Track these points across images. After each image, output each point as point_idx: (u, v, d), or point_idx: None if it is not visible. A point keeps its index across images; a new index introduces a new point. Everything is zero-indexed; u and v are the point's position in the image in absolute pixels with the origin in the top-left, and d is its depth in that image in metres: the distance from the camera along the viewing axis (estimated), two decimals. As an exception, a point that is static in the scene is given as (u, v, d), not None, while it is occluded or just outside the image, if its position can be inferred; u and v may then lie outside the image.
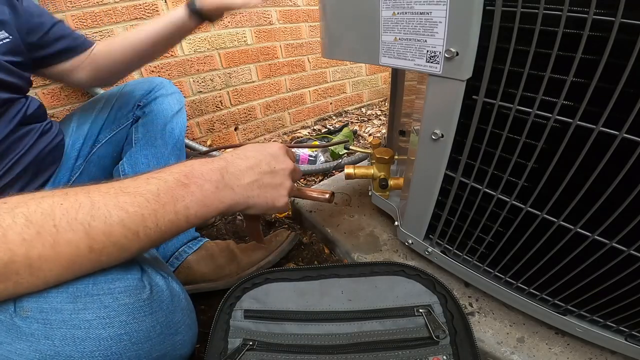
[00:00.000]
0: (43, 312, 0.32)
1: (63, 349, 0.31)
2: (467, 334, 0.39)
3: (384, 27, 0.40)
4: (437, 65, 0.36)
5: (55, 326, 0.32)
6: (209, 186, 0.39)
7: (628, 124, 0.27)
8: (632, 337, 0.39)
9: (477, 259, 0.48)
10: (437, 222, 0.50)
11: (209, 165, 0.41)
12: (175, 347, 0.38)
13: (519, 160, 0.36)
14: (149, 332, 0.35)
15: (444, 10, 0.33)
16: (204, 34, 1.21)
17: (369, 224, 0.72)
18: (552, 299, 0.42)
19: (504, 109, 0.34)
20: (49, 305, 0.32)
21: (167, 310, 0.37)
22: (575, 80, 0.29)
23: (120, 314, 0.33)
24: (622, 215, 0.31)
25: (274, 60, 1.44)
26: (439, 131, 0.41)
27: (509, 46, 0.31)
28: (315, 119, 1.71)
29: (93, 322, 0.32)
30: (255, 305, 0.43)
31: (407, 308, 0.42)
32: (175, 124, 0.71)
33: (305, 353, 0.38)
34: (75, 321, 0.32)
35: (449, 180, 0.44)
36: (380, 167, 0.65)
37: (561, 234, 0.36)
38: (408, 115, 0.64)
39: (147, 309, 0.35)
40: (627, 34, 0.25)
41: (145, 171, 0.58)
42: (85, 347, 0.32)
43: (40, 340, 0.31)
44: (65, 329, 0.32)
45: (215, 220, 0.89)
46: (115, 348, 0.33)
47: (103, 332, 0.32)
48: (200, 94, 1.29)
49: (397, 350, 0.38)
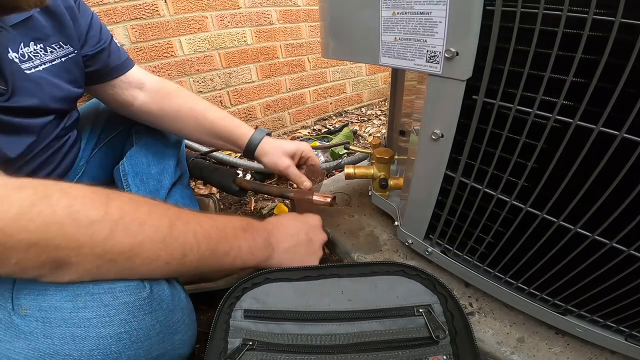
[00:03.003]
0: (42, 310, 0.32)
1: (62, 347, 0.31)
2: (467, 334, 0.39)
3: (384, 27, 0.40)
4: (437, 65, 0.36)
5: (54, 324, 0.32)
6: (260, 240, 0.46)
7: (628, 124, 0.27)
8: (632, 337, 0.39)
9: (477, 259, 0.48)
10: (437, 222, 0.50)
11: (262, 224, 0.49)
12: (174, 347, 0.38)
13: (519, 160, 0.36)
14: (148, 331, 0.35)
15: (444, 10, 0.33)
16: (204, 34, 1.22)
17: (369, 224, 0.72)
18: (552, 299, 0.42)
19: (504, 109, 0.34)
20: (48, 304, 0.32)
21: (167, 309, 0.37)
22: (575, 80, 0.29)
23: (120, 313, 0.33)
24: (622, 215, 0.31)
25: (274, 60, 1.44)
26: (439, 131, 0.41)
27: (509, 46, 0.31)
28: (315, 119, 1.71)
29: (93, 320, 0.32)
30: (255, 305, 0.43)
31: (407, 308, 0.42)
32: (176, 125, 0.71)
33: (305, 353, 0.38)
34: (75, 319, 0.32)
35: (449, 180, 0.44)
36: (380, 167, 0.65)
37: (561, 234, 0.36)
38: (408, 115, 0.64)
39: (147, 308, 0.35)
40: (627, 34, 0.25)
41: (145, 172, 0.59)
42: (84, 346, 0.32)
43: (39, 339, 0.31)
44: (64, 327, 0.32)
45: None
46: (114, 347, 0.33)
47: (103, 330, 0.32)
48: (200, 93, 1.29)
49: (397, 350, 0.38)
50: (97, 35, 0.55)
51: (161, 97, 0.64)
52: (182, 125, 0.65)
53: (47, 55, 0.47)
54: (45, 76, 0.47)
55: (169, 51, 1.16)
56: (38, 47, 0.46)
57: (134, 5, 1.04)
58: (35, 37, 0.46)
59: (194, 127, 0.65)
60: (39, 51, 0.47)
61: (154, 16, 1.09)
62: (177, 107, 0.64)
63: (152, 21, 1.09)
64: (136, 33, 1.08)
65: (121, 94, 0.61)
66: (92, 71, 0.56)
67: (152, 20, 1.09)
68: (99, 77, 0.58)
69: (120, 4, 1.02)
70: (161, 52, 1.15)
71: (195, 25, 1.19)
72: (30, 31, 0.45)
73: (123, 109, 0.64)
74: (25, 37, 0.45)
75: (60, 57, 0.49)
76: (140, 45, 1.10)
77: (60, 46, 0.49)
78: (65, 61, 0.50)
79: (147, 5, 1.07)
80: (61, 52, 0.49)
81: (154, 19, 1.10)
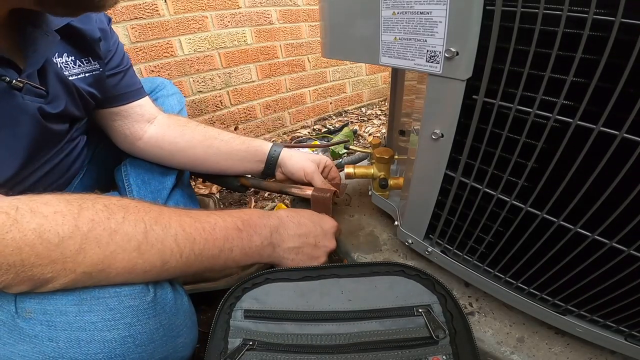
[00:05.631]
0: (46, 314, 0.32)
1: (67, 351, 0.31)
2: (467, 334, 0.39)
3: (384, 27, 0.40)
4: (437, 65, 0.36)
5: (59, 328, 0.32)
6: (256, 239, 0.44)
7: (628, 124, 0.27)
8: (632, 337, 0.39)
9: (477, 259, 0.48)
10: (437, 222, 0.50)
11: (264, 220, 0.46)
12: (176, 350, 0.38)
13: (519, 160, 0.36)
14: (152, 335, 0.35)
15: (444, 10, 0.33)
16: (203, 34, 1.21)
17: (369, 224, 0.72)
18: (552, 299, 0.42)
19: (504, 108, 0.34)
20: (52, 307, 0.32)
21: (170, 313, 0.37)
22: (575, 80, 0.29)
23: (125, 316, 0.33)
24: (622, 215, 0.31)
25: (274, 60, 1.44)
26: (439, 131, 0.41)
27: (509, 46, 0.31)
28: (315, 118, 1.71)
29: (98, 324, 0.32)
30: (256, 305, 0.43)
31: (407, 308, 0.42)
32: (176, 125, 0.71)
33: (305, 353, 0.38)
34: (80, 323, 0.32)
35: (449, 180, 0.44)
36: (380, 166, 0.65)
37: (561, 233, 0.36)
38: (408, 115, 0.64)
39: (151, 311, 0.35)
40: (627, 34, 0.25)
41: (147, 172, 0.59)
42: (89, 350, 0.32)
43: (44, 342, 0.31)
44: (69, 331, 0.32)
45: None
46: (119, 350, 0.33)
47: (108, 334, 0.32)
48: (200, 93, 1.29)
49: (397, 350, 0.38)
50: (119, 59, 0.56)
51: (173, 131, 0.63)
52: (195, 154, 0.63)
53: (74, 68, 0.48)
54: (78, 84, 0.49)
55: (168, 51, 1.16)
56: (69, 60, 0.48)
57: (133, 5, 1.04)
58: (68, 49, 0.47)
59: (209, 152, 0.63)
60: (69, 63, 0.48)
61: (153, 16, 1.09)
62: (191, 137, 0.63)
63: (152, 21, 1.09)
64: (136, 33, 1.08)
65: (130, 125, 0.60)
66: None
67: (152, 20, 1.09)
68: (106, 100, 0.57)
69: (120, 3, 1.01)
70: (161, 52, 1.15)
71: (195, 25, 1.19)
72: (64, 43, 0.47)
73: (128, 142, 0.62)
74: (59, 48, 0.46)
75: (85, 72, 0.50)
76: (140, 45, 1.10)
77: (88, 62, 0.50)
78: (89, 77, 0.51)
79: (147, 5, 1.07)
80: (88, 67, 0.50)
81: (154, 18, 1.10)
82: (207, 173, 0.69)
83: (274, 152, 0.65)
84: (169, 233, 0.36)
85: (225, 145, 0.64)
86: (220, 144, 0.64)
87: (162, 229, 0.36)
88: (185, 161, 0.64)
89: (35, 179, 0.48)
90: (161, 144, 0.62)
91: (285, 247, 0.47)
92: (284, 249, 0.47)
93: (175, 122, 0.65)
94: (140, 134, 0.61)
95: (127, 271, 0.34)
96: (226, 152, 0.64)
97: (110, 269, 0.33)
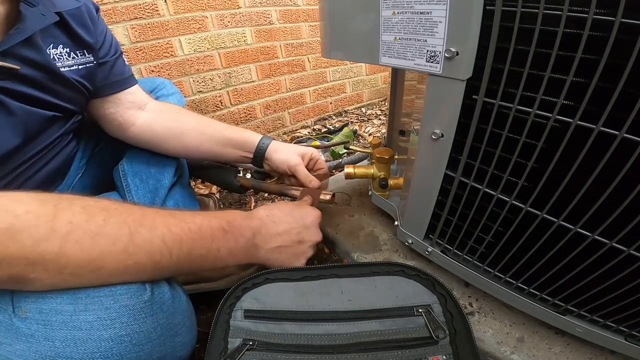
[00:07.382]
0: (42, 313, 0.32)
1: (64, 350, 0.31)
2: (466, 334, 0.39)
3: (384, 27, 0.40)
4: (437, 65, 0.36)
5: (55, 327, 0.32)
6: (242, 240, 0.44)
7: (628, 124, 0.27)
8: (632, 337, 0.39)
9: (477, 259, 0.48)
10: (437, 222, 0.50)
11: (247, 222, 0.46)
12: (175, 349, 0.38)
13: (519, 160, 0.36)
14: (150, 334, 0.35)
15: (444, 10, 0.33)
16: (203, 34, 1.21)
17: (369, 224, 0.72)
18: (551, 299, 0.42)
19: (504, 108, 0.34)
20: (48, 307, 0.32)
21: (168, 312, 0.37)
22: (575, 80, 0.29)
23: (121, 315, 0.33)
24: (622, 215, 0.31)
25: (274, 60, 1.44)
26: (439, 131, 0.41)
27: (509, 46, 0.31)
28: (315, 118, 1.71)
29: (94, 323, 0.32)
30: (255, 305, 0.43)
31: (407, 308, 0.42)
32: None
33: (305, 353, 0.38)
34: (76, 322, 0.32)
35: (449, 180, 0.44)
36: (380, 166, 0.65)
37: (561, 233, 0.36)
38: (408, 115, 0.64)
39: (148, 311, 0.35)
40: (627, 34, 0.25)
41: (144, 171, 0.59)
42: (86, 349, 0.32)
43: (40, 342, 0.31)
44: (65, 330, 0.32)
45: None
46: (116, 349, 0.33)
47: (104, 333, 0.32)
48: (200, 93, 1.29)
49: (397, 350, 0.38)
50: (108, 48, 0.56)
51: (166, 115, 0.64)
52: (189, 140, 0.64)
53: (68, 59, 0.48)
54: (69, 76, 0.48)
55: (168, 51, 1.16)
56: (64, 51, 0.48)
57: (133, 5, 1.04)
58: (65, 41, 0.47)
59: (202, 139, 0.64)
60: (63, 54, 0.48)
61: (153, 16, 1.09)
62: (183, 123, 0.64)
63: (152, 21, 1.09)
64: (136, 33, 1.08)
65: (122, 113, 0.60)
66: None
67: (152, 20, 1.09)
68: (97, 90, 0.57)
69: (120, 3, 1.01)
70: (161, 52, 1.15)
71: (195, 25, 1.18)
72: (62, 34, 0.47)
73: (121, 129, 0.62)
74: (56, 39, 0.46)
75: (79, 64, 0.50)
76: (140, 45, 1.10)
77: (83, 54, 0.50)
78: (81, 69, 0.51)
79: (147, 5, 1.07)
80: (82, 60, 0.50)
81: (154, 18, 1.10)
82: (201, 159, 0.69)
83: (262, 145, 0.65)
84: (156, 234, 0.36)
85: (218, 133, 0.65)
86: (214, 131, 0.64)
87: (148, 231, 0.36)
88: (179, 147, 0.65)
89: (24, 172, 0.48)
90: (154, 128, 0.62)
91: (268, 247, 0.47)
92: (267, 249, 0.47)
93: (167, 108, 0.65)
94: (133, 121, 0.62)
95: (119, 272, 0.34)
96: (219, 139, 0.65)
97: (101, 271, 0.33)
